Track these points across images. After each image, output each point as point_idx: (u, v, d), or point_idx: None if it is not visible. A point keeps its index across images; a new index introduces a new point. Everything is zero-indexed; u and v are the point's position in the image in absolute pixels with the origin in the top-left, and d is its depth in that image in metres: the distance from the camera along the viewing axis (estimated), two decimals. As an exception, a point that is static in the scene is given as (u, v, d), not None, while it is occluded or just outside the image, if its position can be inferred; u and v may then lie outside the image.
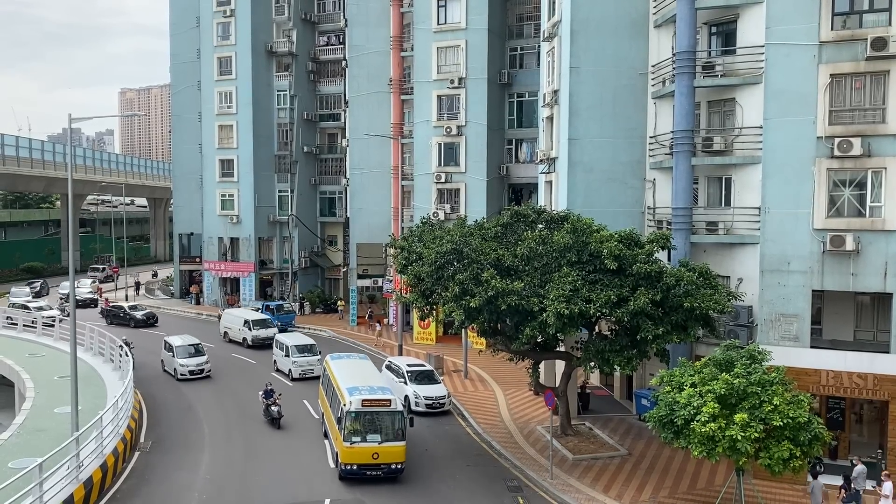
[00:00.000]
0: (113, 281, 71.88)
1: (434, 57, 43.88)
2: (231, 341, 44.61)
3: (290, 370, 35.66)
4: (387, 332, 47.08)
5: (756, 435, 17.56)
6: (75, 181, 58.67)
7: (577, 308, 21.13)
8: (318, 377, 32.71)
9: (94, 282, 68.29)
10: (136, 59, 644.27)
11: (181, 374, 34.86)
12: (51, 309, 50.75)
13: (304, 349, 35.93)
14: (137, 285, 68.99)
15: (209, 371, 35.62)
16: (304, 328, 48.81)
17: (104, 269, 77.49)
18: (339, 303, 54.74)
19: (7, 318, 44.13)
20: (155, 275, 73.64)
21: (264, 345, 41.68)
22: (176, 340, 36.27)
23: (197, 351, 35.77)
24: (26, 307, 49.67)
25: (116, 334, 44.71)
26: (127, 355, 33.28)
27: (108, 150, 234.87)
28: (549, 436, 24.55)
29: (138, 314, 50.93)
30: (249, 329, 43.37)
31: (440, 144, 43.93)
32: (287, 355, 35.98)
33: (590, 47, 28.86)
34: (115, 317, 51.31)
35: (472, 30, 42.84)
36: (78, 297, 56.71)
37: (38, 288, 65.45)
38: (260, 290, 57.90)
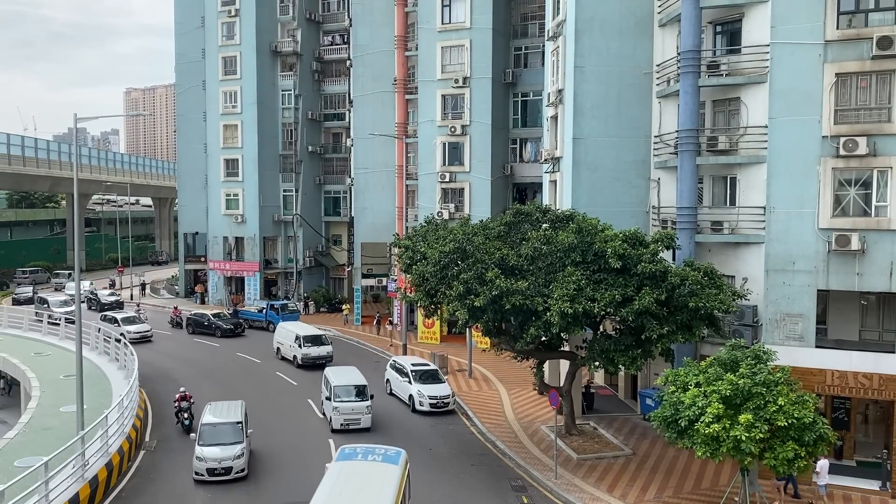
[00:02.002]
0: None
1: (438, 56, 43.85)
2: (283, 358, 39.24)
3: (331, 418, 27.34)
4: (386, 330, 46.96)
5: (761, 435, 17.53)
6: (80, 181, 58.83)
7: (582, 307, 21.14)
8: (367, 429, 26.63)
9: (91, 282, 67.41)
10: (142, 59, 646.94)
11: (196, 471, 22.28)
12: (141, 322, 46.17)
13: (350, 391, 27.36)
14: (143, 285, 69.18)
15: (242, 469, 22.50)
16: (308, 327, 48.64)
17: (70, 274, 71.50)
18: (343, 306, 53.64)
19: (99, 331, 37.80)
20: (112, 283, 70.96)
21: (316, 365, 36.55)
22: (208, 415, 23.82)
23: (234, 433, 22.96)
24: (115, 320, 44.53)
25: (201, 345, 43.84)
26: (186, 417, 26.81)
27: (114, 149, 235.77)
28: (553, 435, 24.53)
29: (223, 323, 46.71)
30: (300, 346, 37.46)
31: (444, 144, 43.93)
32: (330, 397, 27.54)
33: (594, 47, 28.85)
34: (199, 325, 47.34)
35: (477, 29, 42.80)
36: (103, 301, 56.42)
37: (30, 293, 59.70)
38: (265, 289, 58.14)
